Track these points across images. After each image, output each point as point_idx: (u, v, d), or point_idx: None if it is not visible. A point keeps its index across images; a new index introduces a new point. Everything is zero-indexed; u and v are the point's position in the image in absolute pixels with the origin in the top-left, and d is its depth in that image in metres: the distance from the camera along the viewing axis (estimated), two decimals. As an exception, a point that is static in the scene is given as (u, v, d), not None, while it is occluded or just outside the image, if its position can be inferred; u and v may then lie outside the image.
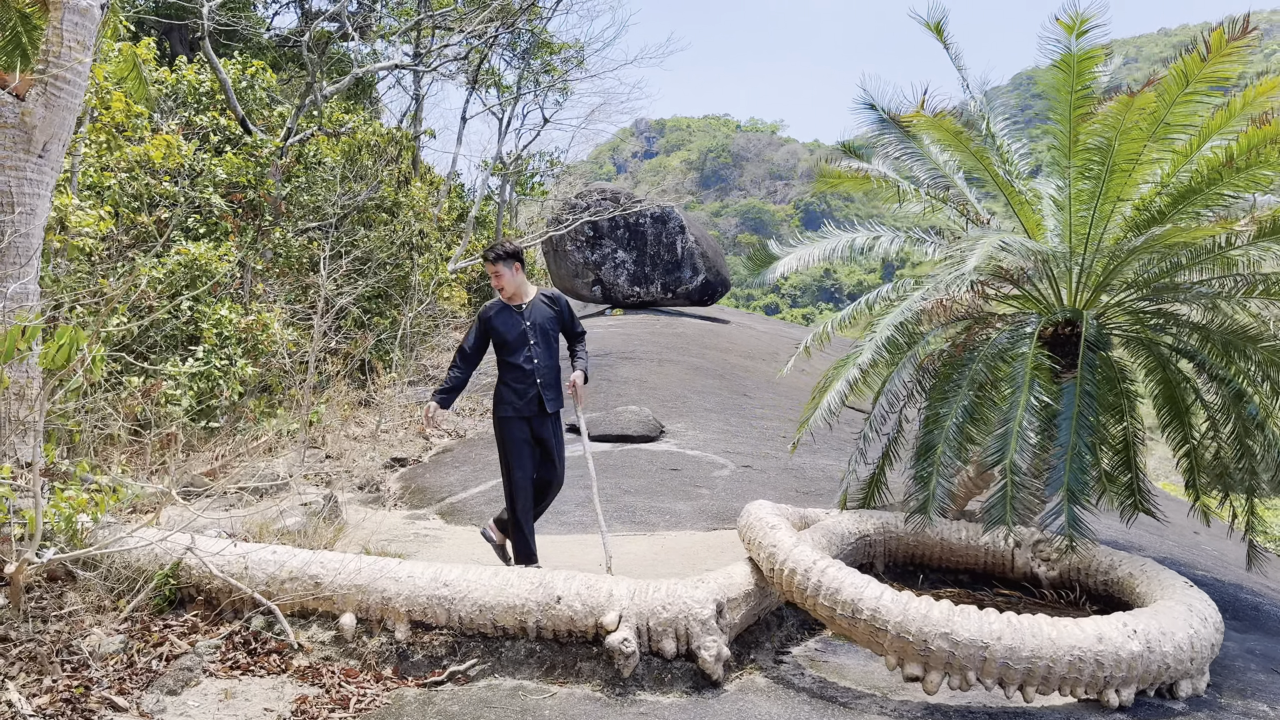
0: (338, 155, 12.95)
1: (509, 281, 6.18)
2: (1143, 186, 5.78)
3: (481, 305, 6.35)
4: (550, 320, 6.31)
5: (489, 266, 6.24)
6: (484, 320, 6.23)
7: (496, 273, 6.18)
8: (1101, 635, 4.35)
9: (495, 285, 6.24)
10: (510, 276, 6.18)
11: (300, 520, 7.10)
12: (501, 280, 6.17)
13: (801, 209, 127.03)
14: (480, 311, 6.31)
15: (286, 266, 12.07)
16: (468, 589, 5.12)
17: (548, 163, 24.74)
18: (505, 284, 6.18)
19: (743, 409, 13.87)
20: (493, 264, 6.18)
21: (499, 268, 6.16)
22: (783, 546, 5.06)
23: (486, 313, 6.24)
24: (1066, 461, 5.38)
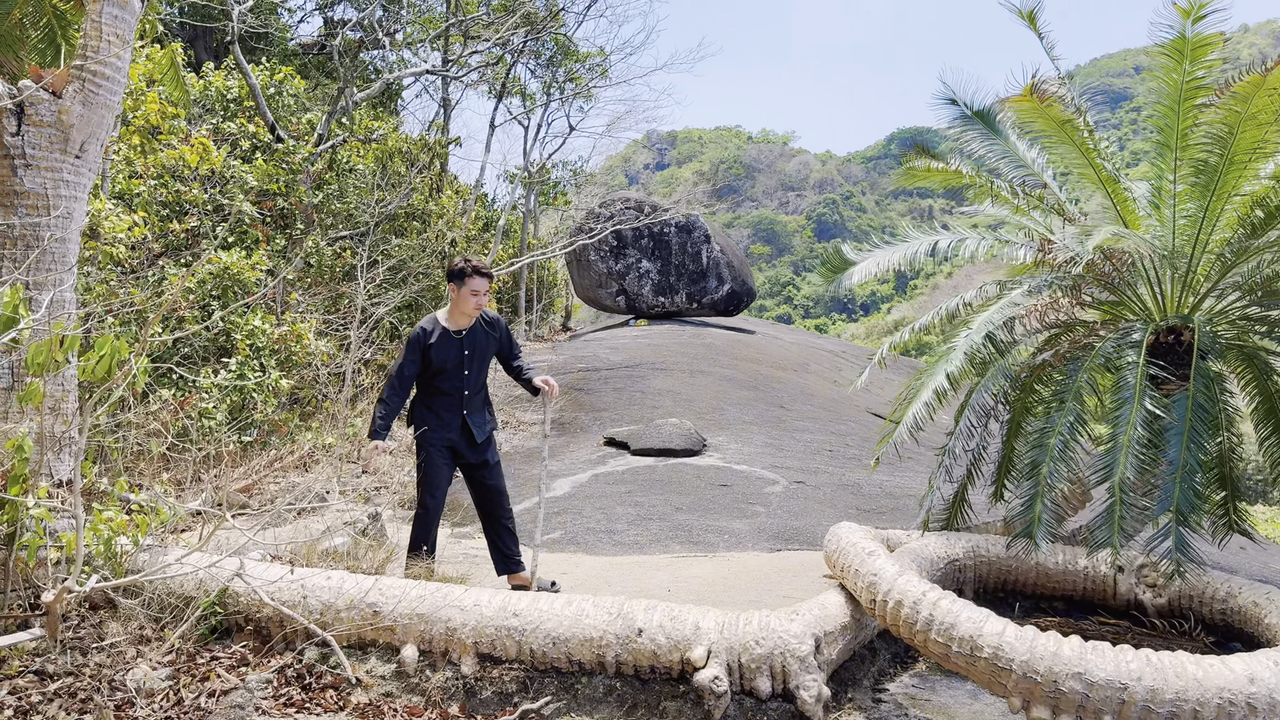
0: (370, 162, 12.63)
1: (484, 300, 5.77)
2: (1259, 181, 5.37)
3: (416, 325, 5.88)
4: (488, 346, 5.94)
5: (478, 282, 5.68)
6: (421, 345, 5.69)
7: (480, 290, 5.69)
8: (1254, 676, 3.93)
9: (475, 305, 5.72)
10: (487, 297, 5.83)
11: (346, 541, 6.73)
12: (480, 299, 5.71)
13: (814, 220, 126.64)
14: (415, 335, 5.72)
15: (319, 276, 11.73)
16: (539, 619, 4.73)
17: (571, 172, 24.43)
18: (482, 303, 5.75)
19: (782, 421, 13.46)
20: (485, 278, 5.70)
21: (486, 285, 5.73)
22: (885, 575, 4.65)
23: (425, 338, 5.69)
24: (1176, 480, 4.96)
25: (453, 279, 5.71)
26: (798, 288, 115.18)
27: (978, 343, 5.41)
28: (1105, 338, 5.58)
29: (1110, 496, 4.93)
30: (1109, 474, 4.94)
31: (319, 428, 9.68)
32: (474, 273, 5.67)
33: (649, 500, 8.72)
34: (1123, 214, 5.82)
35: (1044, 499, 5.13)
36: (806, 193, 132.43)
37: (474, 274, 5.67)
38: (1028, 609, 5.99)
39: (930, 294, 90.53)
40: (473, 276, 5.67)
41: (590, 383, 15.40)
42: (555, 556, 7.21)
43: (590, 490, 9.17)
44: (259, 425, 9.67)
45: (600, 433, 12.20)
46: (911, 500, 9.22)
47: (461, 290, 5.70)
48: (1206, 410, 5.07)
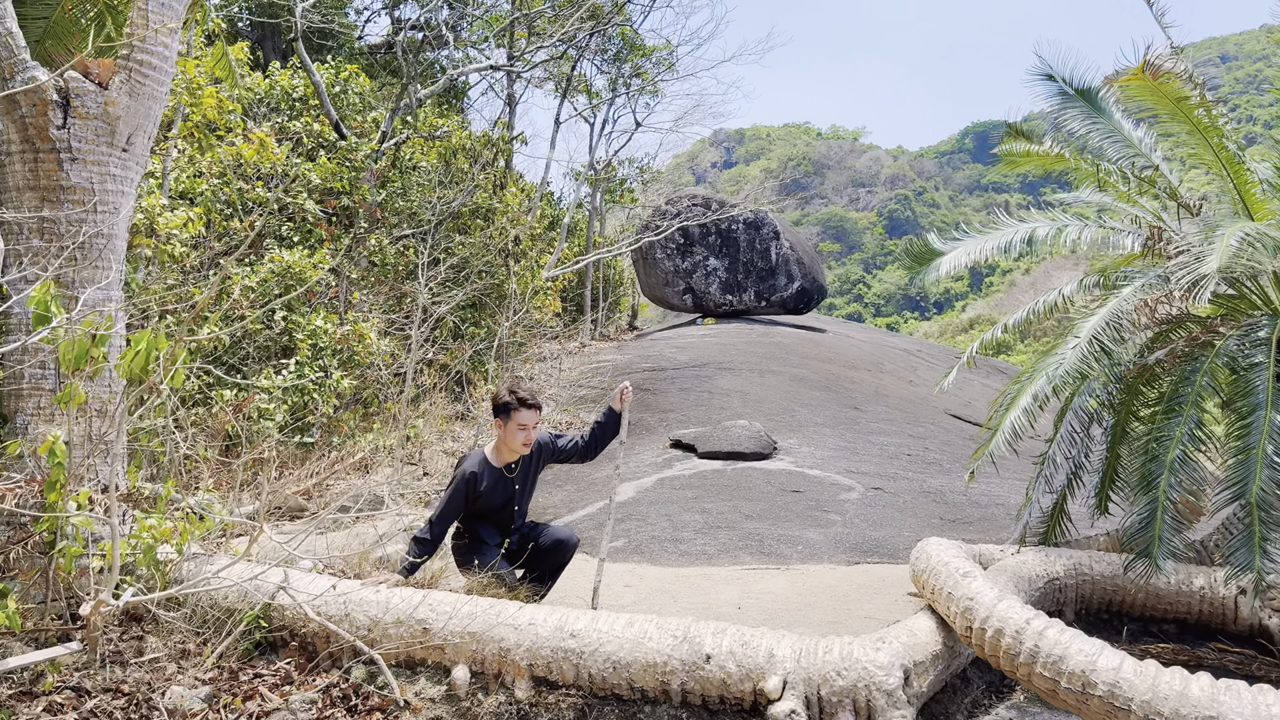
0: (433, 159, 12.45)
1: (534, 434, 5.25)
2: None
3: (462, 461, 5.36)
4: (538, 471, 5.54)
5: (526, 414, 5.15)
6: (470, 484, 5.17)
7: (529, 424, 5.17)
8: None
9: (524, 440, 5.19)
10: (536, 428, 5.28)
11: (402, 548, 6.45)
12: (529, 434, 5.21)
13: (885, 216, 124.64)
14: (463, 480, 5.18)
15: (382, 275, 11.57)
16: (599, 641, 4.36)
17: (637, 170, 24.08)
18: (532, 437, 5.24)
19: (856, 423, 12.91)
20: (533, 409, 5.18)
21: (536, 416, 5.21)
22: (983, 600, 4.18)
23: (475, 483, 5.18)
24: (1325, 496, 4.37)
25: (498, 414, 5.22)
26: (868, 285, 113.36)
27: (1087, 351, 4.87)
28: (1226, 335, 5.00)
29: (1247, 514, 4.38)
30: (1242, 489, 4.39)
31: (380, 429, 9.48)
32: (519, 405, 5.17)
33: (717, 507, 8.31)
34: (1245, 199, 5.22)
35: (1163, 515, 4.59)
36: (877, 189, 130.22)
37: (520, 406, 5.17)
38: (1135, 633, 5.44)
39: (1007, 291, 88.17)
40: (519, 409, 5.17)
41: (656, 383, 15.02)
42: (618, 566, 6.85)
43: (656, 495, 8.80)
44: (319, 426, 9.51)
45: (666, 434, 11.81)
46: (1000, 509, 8.64)
47: (509, 425, 5.20)
48: (1352, 416, 4.48)
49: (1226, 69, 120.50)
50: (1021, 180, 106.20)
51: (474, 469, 5.21)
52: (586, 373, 15.79)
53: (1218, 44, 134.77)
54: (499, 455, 5.30)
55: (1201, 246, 4.41)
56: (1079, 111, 5.82)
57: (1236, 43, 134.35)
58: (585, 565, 7.02)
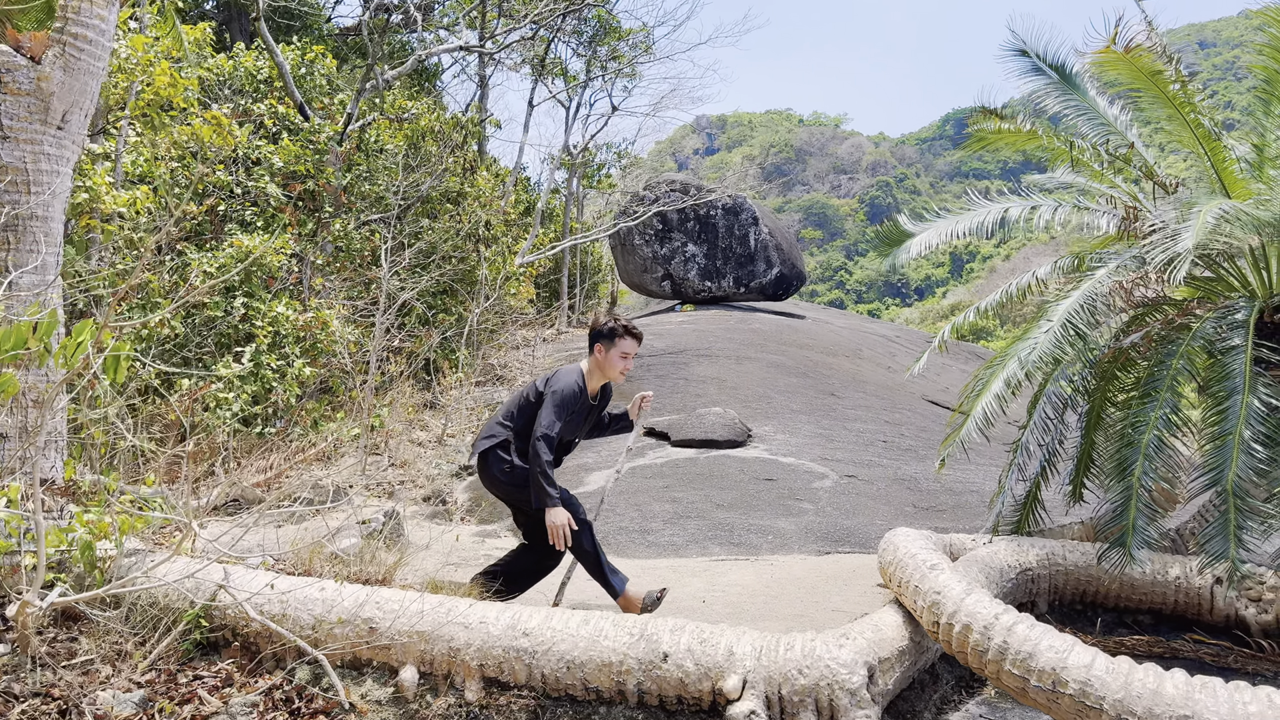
0: (400, 142, 12.16)
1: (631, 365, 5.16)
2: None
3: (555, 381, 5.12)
4: (599, 411, 5.40)
5: (629, 343, 5.05)
6: (572, 402, 5.02)
7: (632, 353, 5.09)
8: None
9: (623, 370, 5.09)
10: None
11: (356, 542, 6.24)
12: (629, 363, 5.11)
13: (867, 203, 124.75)
14: (572, 393, 5.02)
15: (347, 260, 11.30)
16: (553, 639, 4.17)
17: (615, 154, 23.82)
18: (629, 367, 5.13)
19: (833, 410, 12.76)
20: (637, 339, 5.09)
21: (638, 347, 5.12)
22: (951, 594, 4.01)
23: (576, 395, 5.03)
24: (1303, 483, 4.23)
25: (601, 339, 5.08)
26: (850, 272, 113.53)
27: (1060, 335, 4.71)
28: (1203, 317, 4.85)
29: (1223, 502, 4.24)
30: (1218, 476, 4.25)
31: (343, 418, 9.25)
32: (625, 333, 5.06)
33: (688, 496, 8.14)
34: (1223, 178, 5.06)
35: (1138, 503, 4.44)
36: (859, 176, 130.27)
37: (625, 335, 5.06)
38: (1110, 624, 5.30)
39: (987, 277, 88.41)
40: (624, 338, 5.06)
41: (632, 370, 14.83)
42: (583, 559, 6.66)
43: (626, 485, 8.61)
44: (281, 416, 9.27)
45: (639, 422, 11.62)
46: (974, 496, 8.52)
47: (610, 353, 5.06)
48: (1330, 400, 4.34)
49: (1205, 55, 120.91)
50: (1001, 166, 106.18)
51: (580, 384, 5.06)
52: (562, 360, 15.58)
53: (1196, 30, 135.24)
54: (589, 381, 5.16)
55: (1177, 225, 4.25)
56: (1053, 88, 5.64)
57: (1215, 29, 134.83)
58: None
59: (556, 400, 4.99)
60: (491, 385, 12.75)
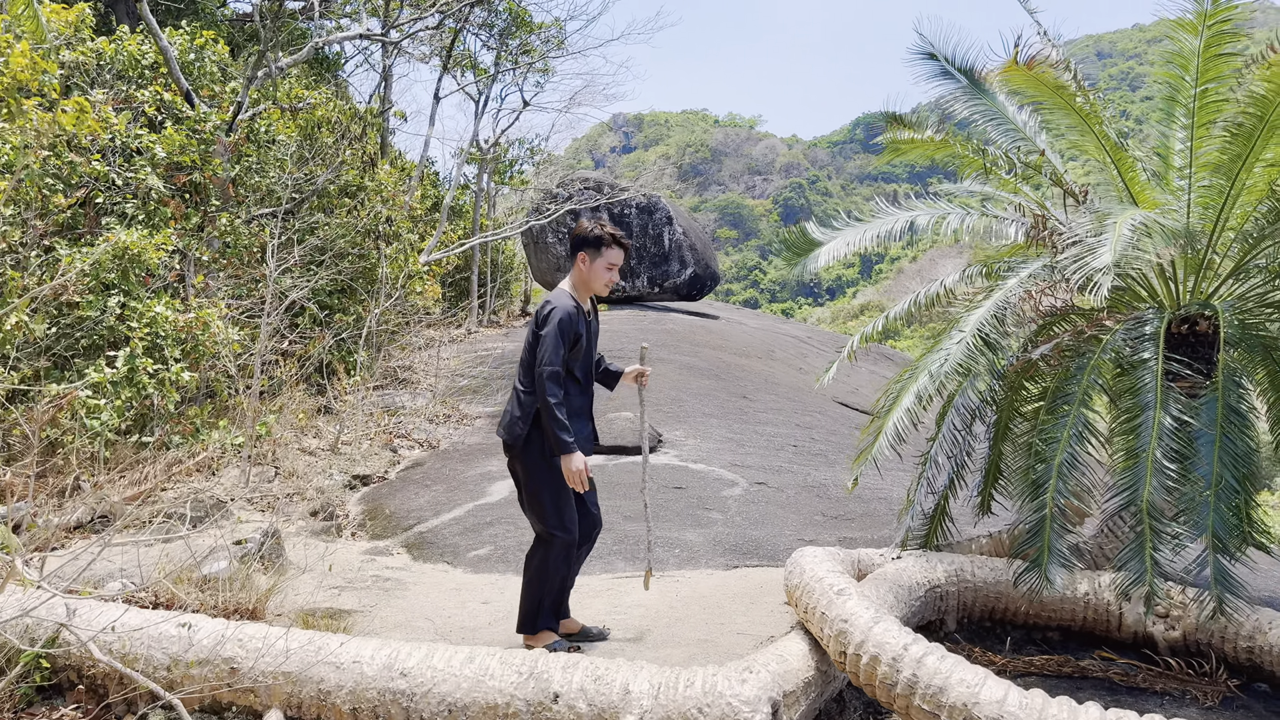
0: (294, 132, 11.57)
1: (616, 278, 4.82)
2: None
3: (551, 306, 4.63)
4: (597, 326, 5.04)
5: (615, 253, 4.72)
6: (572, 323, 4.55)
7: (618, 263, 4.74)
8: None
9: (608, 281, 4.74)
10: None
11: (228, 565, 5.76)
12: (615, 275, 4.77)
13: (780, 204, 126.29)
14: (566, 317, 4.53)
15: (235, 257, 10.67)
16: (433, 680, 3.82)
17: (528, 150, 23.35)
18: (615, 279, 4.80)
19: (745, 413, 12.62)
20: (623, 249, 4.75)
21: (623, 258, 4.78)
22: (858, 623, 3.79)
23: (572, 315, 4.57)
24: (1211, 499, 4.15)
25: (585, 247, 4.72)
26: (764, 271, 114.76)
27: (971, 346, 4.55)
28: (1113, 329, 4.75)
29: (1137, 522, 4.12)
30: (1132, 495, 4.14)
31: (226, 426, 8.68)
32: (612, 241, 4.73)
33: (593, 507, 7.82)
34: (1130, 187, 4.99)
35: (1053, 523, 4.30)
36: (773, 177, 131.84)
37: (613, 243, 4.73)
38: (1019, 642, 5.18)
39: (895, 278, 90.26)
40: (611, 246, 4.73)
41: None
42: (480, 578, 6.31)
43: (529, 495, 8.25)
44: (160, 424, 8.66)
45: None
46: (881, 504, 8.41)
47: (596, 263, 4.71)
48: (1239, 414, 4.27)
49: (1102, 65, 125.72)
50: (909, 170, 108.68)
51: (568, 307, 4.58)
52: (470, 361, 15.12)
53: (1095, 41, 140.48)
54: (582, 294, 4.77)
55: (1092, 238, 4.13)
56: (962, 93, 5.51)
57: (1111, 40, 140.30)
58: (445, 577, 6.46)
59: (555, 328, 4.51)
60: (393, 388, 12.24)
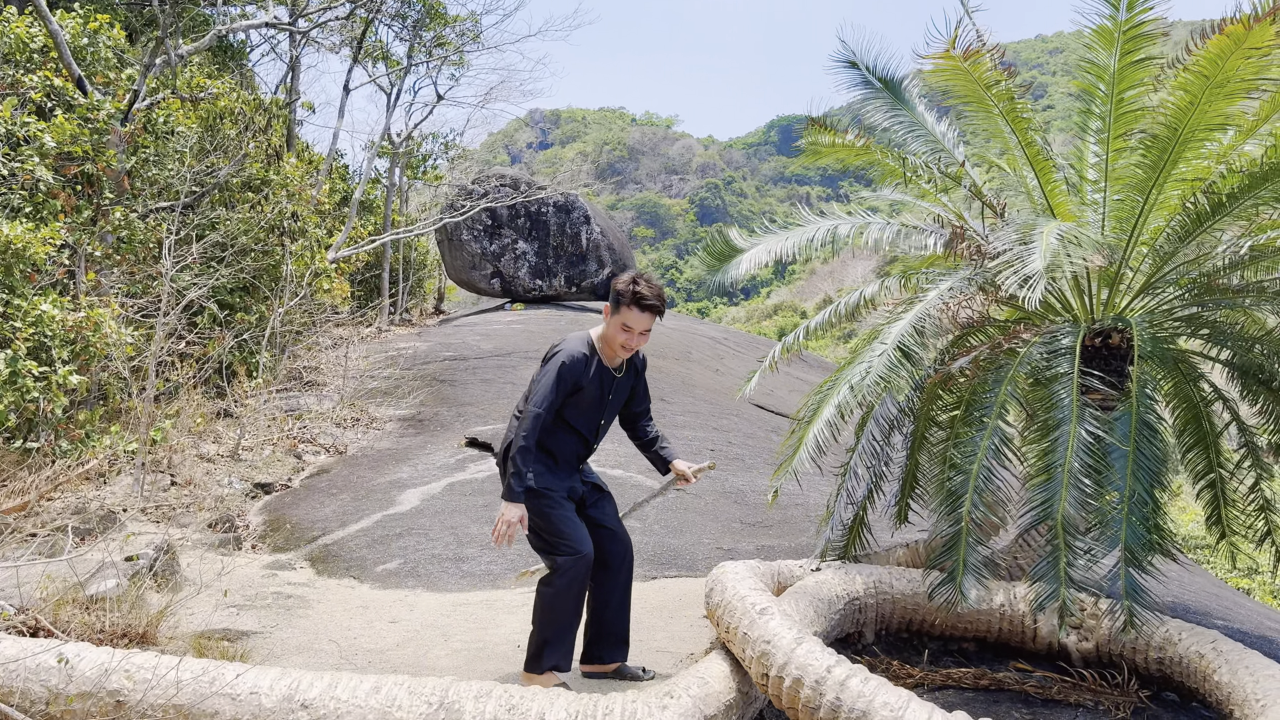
0: (194, 123, 11.04)
1: (638, 342, 4.26)
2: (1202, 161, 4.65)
3: (557, 348, 4.32)
4: (628, 387, 4.55)
5: (635, 316, 4.13)
6: (573, 372, 4.17)
7: (636, 328, 4.17)
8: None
9: (622, 345, 4.22)
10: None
11: (118, 584, 5.41)
12: (632, 339, 4.21)
13: (697, 204, 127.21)
14: (567, 366, 4.16)
15: (129, 253, 10.13)
16: (336, 712, 3.61)
17: (442, 145, 22.89)
18: (633, 344, 4.25)
19: (662, 416, 12.53)
20: (647, 312, 4.15)
21: (648, 321, 4.19)
22: (781, 644, 3.71)
23: (576, 365, 4.18)
24: (1124, 512, 4.20)
25: (610, 298, 4.23)
26: (680, 271, 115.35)
27: (893, 359, 4.52)
28: (1030, 342, 4.78)
29: (1053, 537, 4.14)
30: (1047, 510, 4.15)
31: (118, 431, 8.22)
32: (632, 300, 4.11)
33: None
34: (1050, 199, 5.04)
35: (968, 537, 4.30)
36: (689, 177, 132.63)
37: (632, 302, 4.11)
38: (935, 654, 5.19)
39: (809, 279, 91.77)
40: (629, 307, 4.12)
41: (456, 373, 14.16)
42: (388, 595, 6.06)
43: (442, 504, 8.02)
44: (46, 429, 8.15)
45: (463, 431, 11.01)
46: (800, 510, 8.42)
47: (613, 319, 4.21)
48: (1151, 427, 4.33)
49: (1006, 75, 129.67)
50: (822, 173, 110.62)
51: (575, 352, 4.20)
52: (380, 362, 14.71)
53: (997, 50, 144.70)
54: (604, 348, 4.32)
55: (1020, 246, 4.13)
56: (882, 103, 5.50)
57: (1015, 49, 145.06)
58: (350, 593, 6.20)
59: (552, 372, 4.15)
60: (298, 391, 11.80)
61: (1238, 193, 4.34)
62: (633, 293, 4.11)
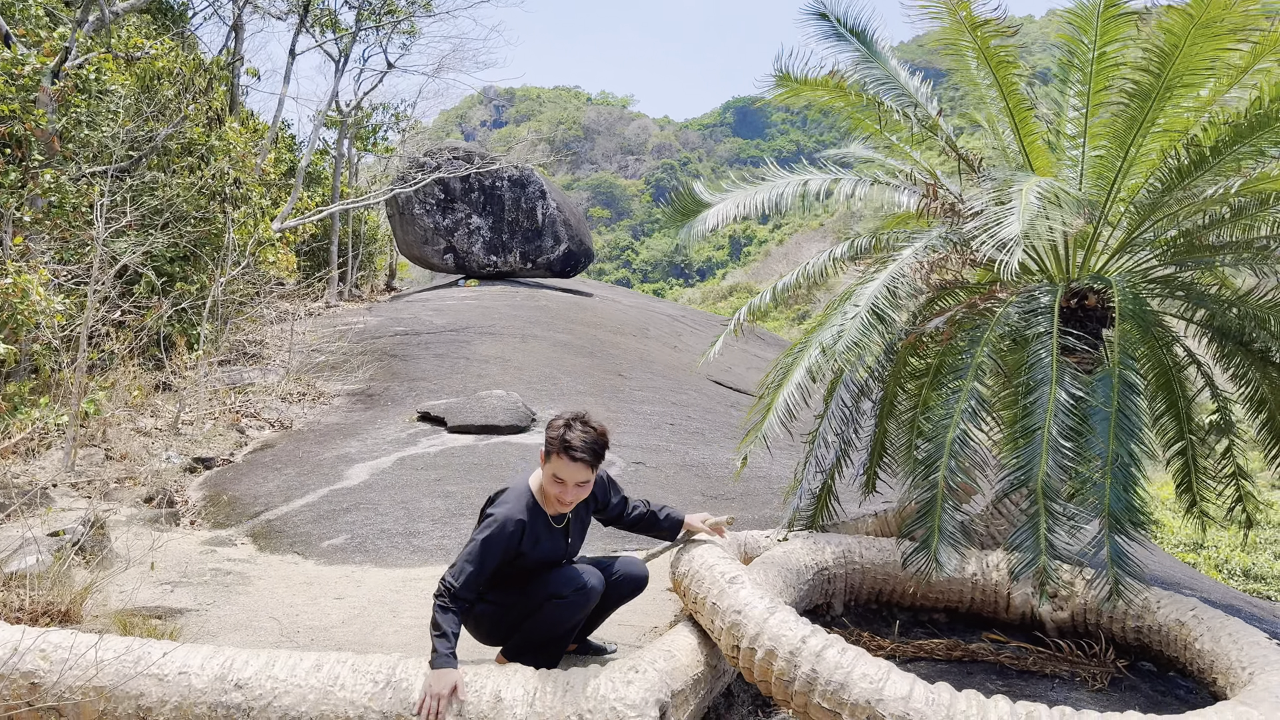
0: (129, 81, 10.49)
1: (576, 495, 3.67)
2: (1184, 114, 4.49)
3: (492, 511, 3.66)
4: (586, 517, 3.98)
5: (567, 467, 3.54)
6: (507, 545, 3.55)
7: (570, 481, 3.58)
8: (1231, 746, 2.99)
9: (555, 497, 3.64)
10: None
11: (42, 559, 5.05)
12: (566, 493, 3.62)
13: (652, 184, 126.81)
14: (497, 535, 3.53)
15: (60, 218, 9.61)
16: (273, 692, 3.33)
17: (392, 116, 22.29)
18: (569, 499, 3.66)
19: (620, 392, 12.31)
20: (579, 464, 3.54)
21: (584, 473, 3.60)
22: (753, 614, 3.49)
23: (509, 536, 3.55)
24: (1107, 477, 4.04)
25: (545, 447, 3.64)
26: (636, 251, 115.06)
27: (867, 320, 4.30)
28: (1006, 302, 4.60)
29: (1032, 503, 3.97)
30: (1026, 475, 3.98)
31: (49, 403, 7.77)
32: (562, 450, 3.52)
33: (462, 490, 7.36)
34: (1028, 153, 4.85)
35: (944, 503, 4.11)
36: (645, 157, 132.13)
37: (561, 452, 3.52)
38: (905, 624, 5.03)
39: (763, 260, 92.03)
40: (560, 456, 3.53)
41: (408, 348, 13.78)
42: (334, 570, 5.76)
43: (392, 479, 7.71)
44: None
45: (415, 405, 10.68)
46: (761, 482, 8.24)
47: (545, 468, 3.64)
48: (1133, 388, 4.17)
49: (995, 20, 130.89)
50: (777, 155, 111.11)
51: (512, 517, 3.56)
52: (328, 336, 14.28)
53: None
54: (544, 500, 3.71)
55: (997, 206, 3.93)
56: (855, 55, 5.28)
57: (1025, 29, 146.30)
58: (294, 569, 5.89)
59: (480, 538, 3.54)
60: (241, 364, 11.36)
61: (1221, 145, 4.18)
62: (561, 440, 3.53)
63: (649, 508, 4.20)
